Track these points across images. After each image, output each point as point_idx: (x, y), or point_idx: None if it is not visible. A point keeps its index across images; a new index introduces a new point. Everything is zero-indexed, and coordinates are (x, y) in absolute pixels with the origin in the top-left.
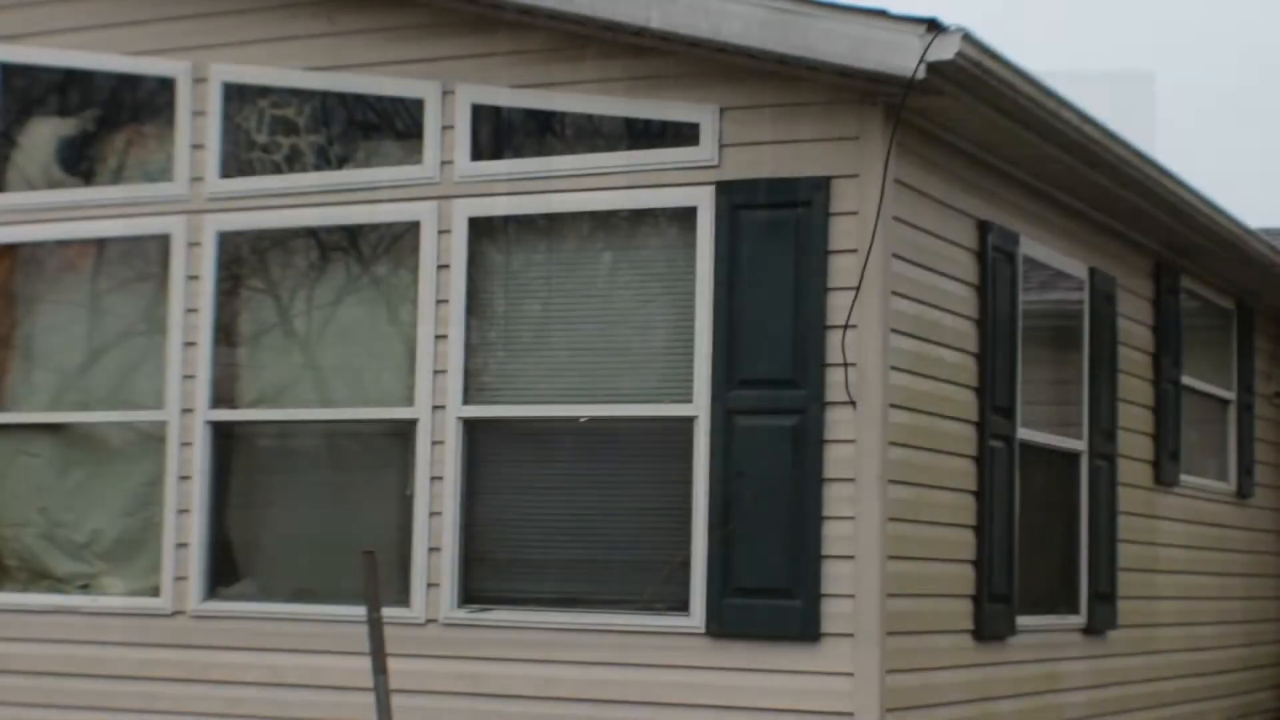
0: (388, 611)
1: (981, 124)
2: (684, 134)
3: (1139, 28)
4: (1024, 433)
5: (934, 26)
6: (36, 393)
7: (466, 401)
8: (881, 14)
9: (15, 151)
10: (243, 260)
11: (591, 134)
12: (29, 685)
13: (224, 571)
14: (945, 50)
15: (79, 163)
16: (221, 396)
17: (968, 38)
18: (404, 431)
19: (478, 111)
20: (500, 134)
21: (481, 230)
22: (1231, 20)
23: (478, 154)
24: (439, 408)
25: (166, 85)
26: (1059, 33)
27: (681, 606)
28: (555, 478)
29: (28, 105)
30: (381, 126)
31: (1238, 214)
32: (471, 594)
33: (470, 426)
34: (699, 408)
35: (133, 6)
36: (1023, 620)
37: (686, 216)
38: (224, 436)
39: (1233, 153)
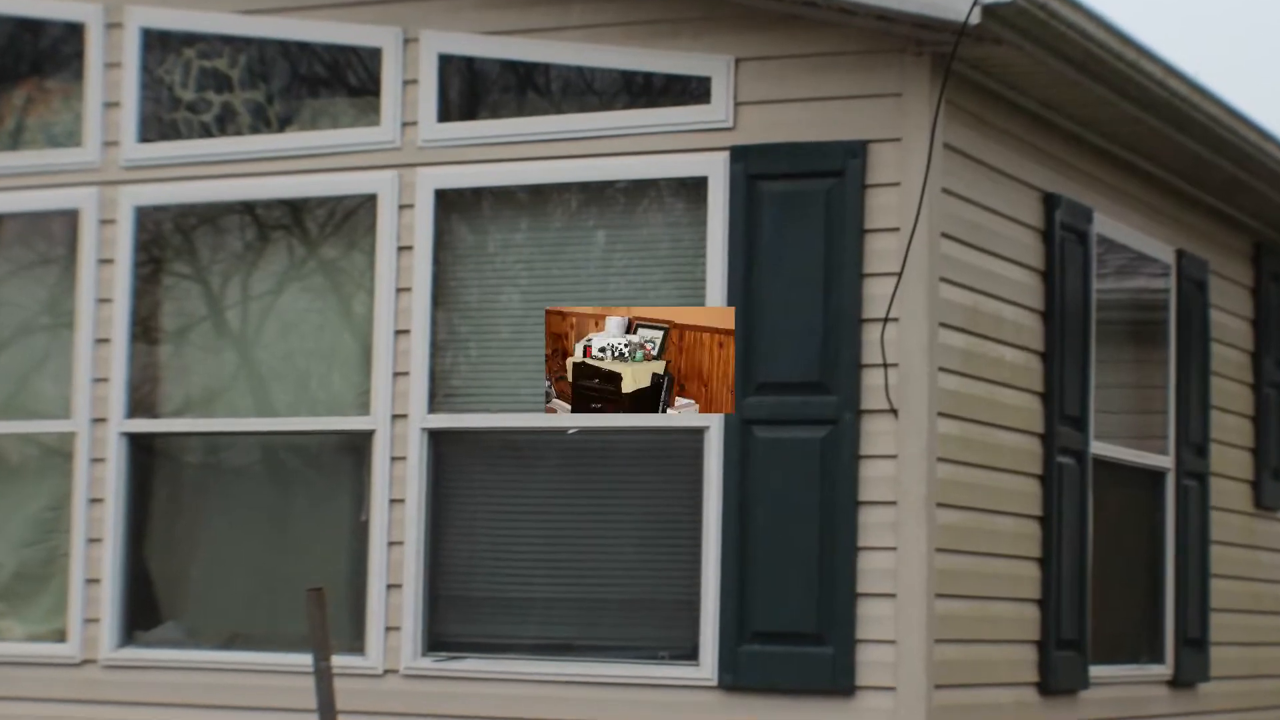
0: (338, 660)
1: (1048, 78)
2: (692, 90)
3: None
4: (1098, 447)
5: None
6: None
7: (432, 409)
8: None
9: None
10: (165, 240)
11: (582, 90)
12: None
13: (143, 613)
14: None
15: None
16: (140, 403)
17: None
18: (358, 445)
19: (445, 63)
20: (473, 90)
21: (450, 204)
22: None
23: (446, 114)
24: (399, 417)
25: (74, 31)
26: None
27: (690, 654)
28: (538, 501)
29: None
30: (331, 81)
31: None
32: (438, 640)
33: (436, 439)
34: (710, 417)
35: None
36: (1097, 671)
37: (695, 188)
38: (143, 451)
39: None
